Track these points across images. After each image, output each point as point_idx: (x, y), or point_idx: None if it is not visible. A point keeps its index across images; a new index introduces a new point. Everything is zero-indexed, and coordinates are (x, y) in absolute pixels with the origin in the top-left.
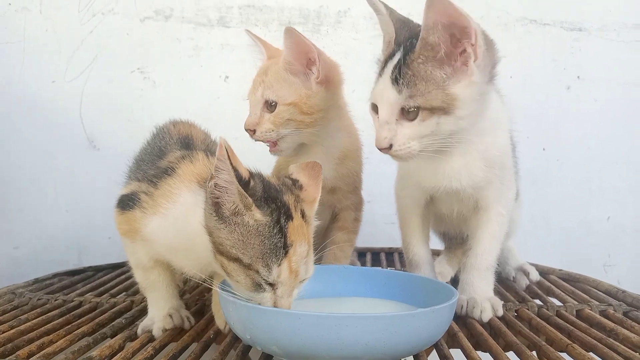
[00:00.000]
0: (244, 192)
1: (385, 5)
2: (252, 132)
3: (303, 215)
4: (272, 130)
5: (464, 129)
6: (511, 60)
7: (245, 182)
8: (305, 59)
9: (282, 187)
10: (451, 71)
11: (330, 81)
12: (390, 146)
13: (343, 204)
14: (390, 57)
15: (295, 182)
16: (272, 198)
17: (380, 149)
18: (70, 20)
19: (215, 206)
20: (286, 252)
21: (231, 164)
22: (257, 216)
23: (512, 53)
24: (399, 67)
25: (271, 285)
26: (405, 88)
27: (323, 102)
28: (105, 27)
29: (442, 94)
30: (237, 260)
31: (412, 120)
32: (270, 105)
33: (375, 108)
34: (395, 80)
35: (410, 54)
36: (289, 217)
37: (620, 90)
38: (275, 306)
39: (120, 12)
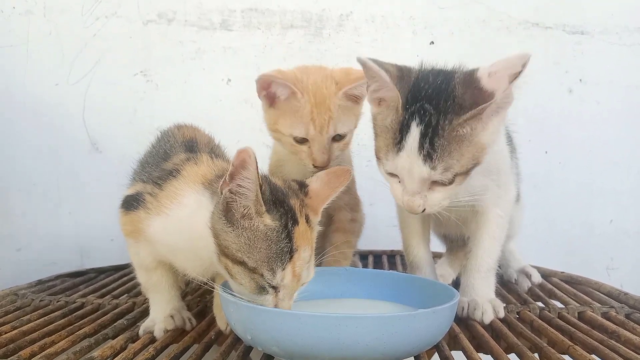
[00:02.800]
0: (262, 201)
1: (386, 70)
2: (324, 167)
3: (307, 220)
4: (338, 157)
5: None
6: None
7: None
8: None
9: (287, 191)
10: (480, 123)
11: None
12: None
13: (337, 204)
14: (405, 126)
15: (302, 186)
16: (280, 201)
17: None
18: (74, 23)
19: (226, 209)
20: (291, 257)
21: (258, 173)
22: (267, 221)
23: None
24: (429, 140)
25: (274, 288)
26: (439, 162)
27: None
28: (108, 31)
29: (473, 150)
30: (242, 263)
31: (447, 185)
32: (338, 137)
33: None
34: (428, 156)
35: (444, 122)
36: (295, 221)
37: (623, 93)
38: (275, 307)
39: (123, 16)
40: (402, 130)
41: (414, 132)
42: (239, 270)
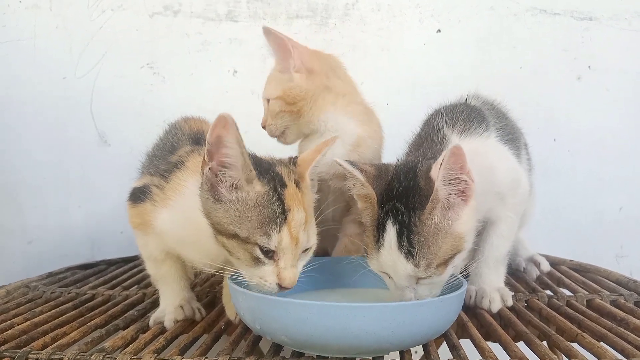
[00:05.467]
0: (250, 165)
1: (361, 170)
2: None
3: (297, 184)
4: (272, 124)
5: None
6: (521, 50)
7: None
8: (287, 53)
9: (273, 161)
10: (452, 213)
11: (312, 70)
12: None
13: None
14: (381, 225)
15: (291, 158)
16: (265, 170)
17: None
18: (80, 16)
19: (210, 187)
20: (285, 218)
21: (240, 140)
22: (258, 188)
23: (522, 43)
24: (407, 238)
25: (271, 257)
26: (422, 259)
27: (304, 92)
28: (115, 23)
29: (451, 240)
30: (234, 236)
31: (431, 276)
32: (268, 103)
33: None
34: (409, 253)
35: (414, 218)
36: (283, 185)
37: (632, 80)
38: (279, 278)
39: (130, 8)
40: (379, 229)
41: (390, 231)
42: (234, 244)
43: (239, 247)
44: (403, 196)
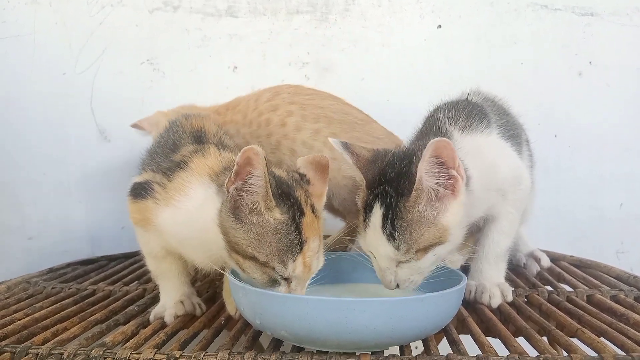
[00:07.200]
0: (271, 196)
1: (352, 153)
2: None
3: (313, 210)
4: None
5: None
6: (522, 46)
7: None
8: None
9: (292, 182)
10: (440, 205)
11: (156, 123)
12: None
13: None
14: (369, 206)
15: (302, 176)
16: (286, 194)
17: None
18: (80, 12)
19: (233, 207)
20: (301, 248)
21: (267, 170)
22: (277, 215)
23: (522, 39)
24: (390, 221)
25: (286, 279)
26: (402, 243)
27: None
28: (115, 19)
29: (434, 230)
30: (252, 258)
31: (409, 261)
32: None
33: None
34: (391, 236)
35: (400, 203)
36: (302, 213)
37: (633, 76)
38: None
39: (129, 4)
40: (367, 210)
41: (377, 212)
42: (250, 265)
43: (256, 268)
44: (394, 181)
